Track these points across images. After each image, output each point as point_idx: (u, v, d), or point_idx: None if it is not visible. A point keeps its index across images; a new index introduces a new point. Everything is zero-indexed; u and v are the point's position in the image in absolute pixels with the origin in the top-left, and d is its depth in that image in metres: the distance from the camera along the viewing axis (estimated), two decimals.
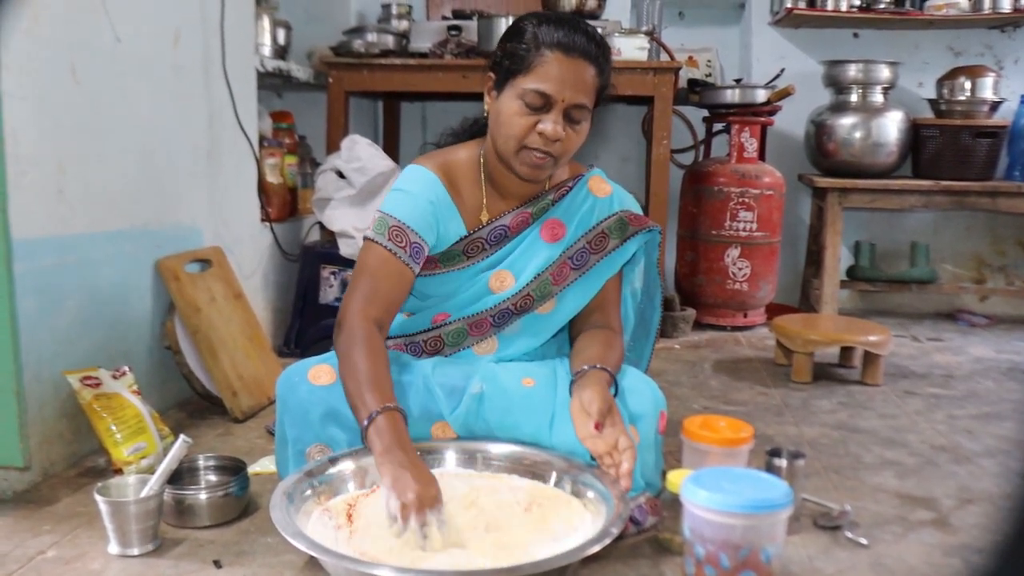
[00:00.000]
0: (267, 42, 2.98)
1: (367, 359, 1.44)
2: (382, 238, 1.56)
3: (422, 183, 1.62)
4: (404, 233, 1.57)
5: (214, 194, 2.46)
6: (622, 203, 1.73)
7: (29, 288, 1.69)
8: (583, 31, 1.54)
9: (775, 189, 3.39)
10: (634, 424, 1.55)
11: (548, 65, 1.51)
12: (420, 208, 1.59)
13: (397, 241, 1.56)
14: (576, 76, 1.51)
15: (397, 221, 1.57)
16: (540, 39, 1.52)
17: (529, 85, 1.51)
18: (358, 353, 1.45)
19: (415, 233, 1.58)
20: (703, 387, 2.60)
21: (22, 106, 1.66)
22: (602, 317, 1.71)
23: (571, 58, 1.51)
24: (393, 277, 1.55)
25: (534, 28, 1.54)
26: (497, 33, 3.04)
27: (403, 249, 1.56)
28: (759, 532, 1.28)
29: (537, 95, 1.51)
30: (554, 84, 1.50)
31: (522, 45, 1.53)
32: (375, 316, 1.52)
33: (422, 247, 1.59)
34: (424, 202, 1.60)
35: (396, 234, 1.56)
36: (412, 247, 1.57)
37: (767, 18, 3.82)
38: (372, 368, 1.43)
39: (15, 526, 1.56)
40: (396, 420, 1.39)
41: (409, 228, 1.57)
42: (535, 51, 1.51)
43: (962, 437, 2.17)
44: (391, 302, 1.56)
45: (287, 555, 1.44)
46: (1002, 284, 3.91)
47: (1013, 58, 3.77)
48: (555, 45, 1.51)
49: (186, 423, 2.15)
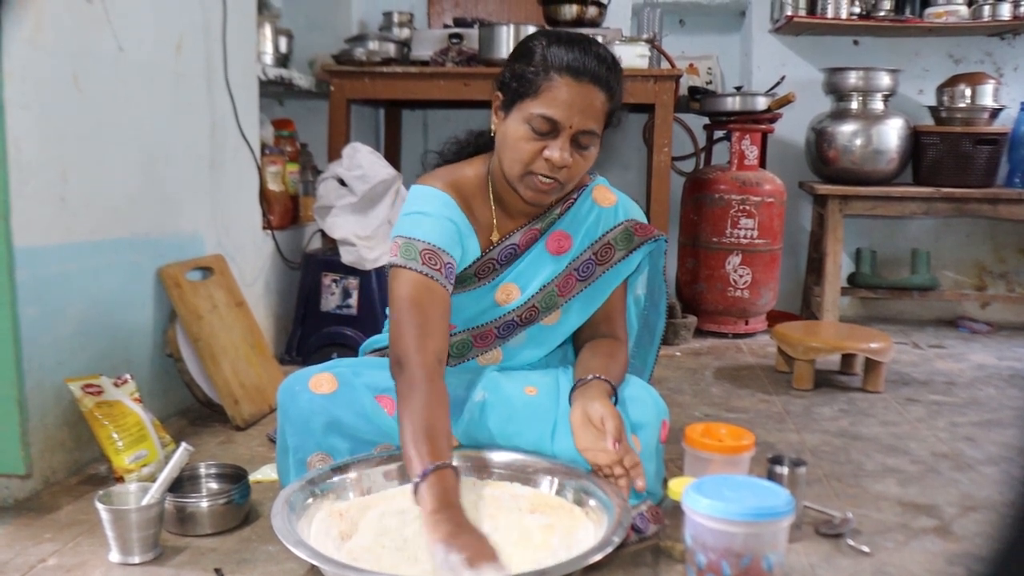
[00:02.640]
0: (269, 50, 2.99)
1: (427, 407, 1.37)
2: (415, 263, 1.49)
3: (438, 203, 1.57)
4: (437, 255, 1.50)
5: (216, 202, 2.46)
6: (627, 212, 1.71)
7: (31, 296, 1.69)
8: (594, 54, 1.50)
9: (776, 196, 3.39)
10: (636, 433, 1.54)
11: (557, 90, 1.47)
12: (444, 228, 1.54)
13: (432, 264, 1.49)
14: (585, 101, 1.48)
15: (427, 244, 1.51)
16: (549, 62, 1.48)
17: (536, 110, 1.48)
18: (419, 399, 1.38)
19: (447, 254, 1.52)
20: (704, 394, 2.60)
21: (25, 114, 1.67)
22: (607, 327, 1.71)
23: (580, 83, 1.47)
24: (438, 302, 1.48)
25: (543, 50, 1.50)
26: (498, 41, 3.05)
27: (439, 272, 1.49)
28: (761, 540, 1.28)
29: (544, 120, 1.47)
30: (562, 110, 1.47)
31: (530, 68, 1.49)
32: (435, 350, 1.44)
33: (454, 267, 1.54)
34: (446, 222, 1.55)
35: (429, 257, 1.50)
36: (447, 268, 1.51)
37: (767, 26, 3.83)
38: (431, 417, 1.37)
39: (16, 534, 1.56)
40: (448, 479, 1.31)
41: (441, 250, 1.51)
42: (543, 74, 1.48)
43: (964, 444, 2.16)
44: (445, 330, 1.49)
45: (288, 563, 1.44)
46: (1003, 291, 3.90)
47: (1013, 65, 3.77)
48: (564, 69, 1.47)
49: (187, 431, 2.15)
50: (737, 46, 4.05)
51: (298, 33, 3.31)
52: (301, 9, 3.47)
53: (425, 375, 1.41)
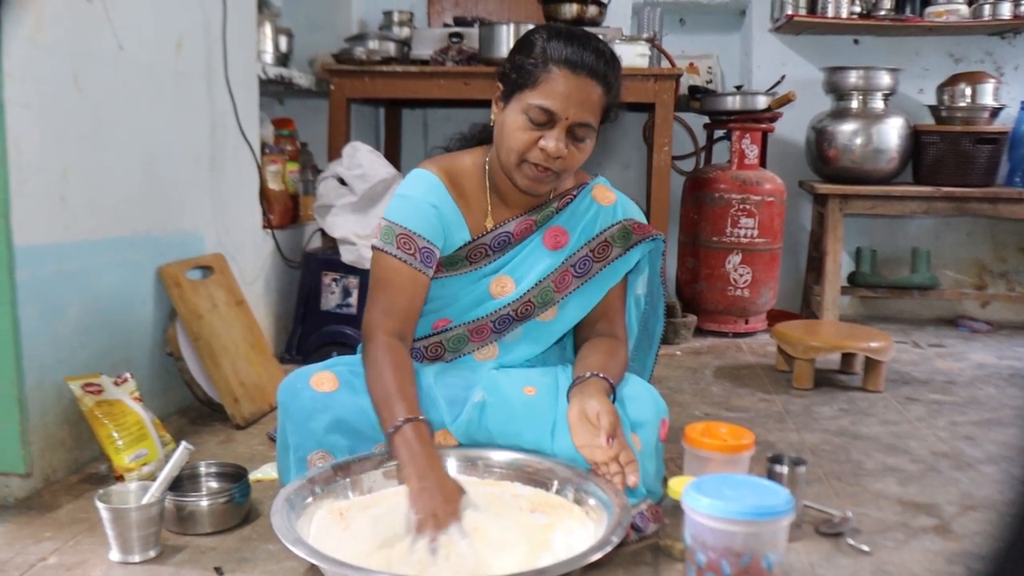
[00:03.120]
0: (269, 49, 2.99)
1: (393, 372, 1.48)
2: (391, 247, 1.58)
3: (425, 187, 1.63)
4: (412, 240, 1.58)
5: (216, 201, 2.46)
6: (626, 212, 1.72)
7: (31, 295, 1.69)
8: (593, 48, 1.53)
9: (776, 195, 3.39)
10: (635, 431, 1.54)
11: (554, 82, 1.50)
12: (423, 212, 1.60)
13: (406, 249, 1.57)
14: (582, 94, 1.51)
15: (403, 229, 1.58)
16: (548, 54, 1.51)
17: (534, 101, 1.51)
18: (384, 366, 1.48)
19: (423, 238, 1.59)
20: (704, 394, 2.60)
21: (25, 114, 1.67)
22: (606, 326, 1.71)
23: (578, 76, 1.50)
24: (407, 286, 1.57)
25: (543, 43, 1.53)
26: (498, 40, 3.05)
27: (413, 256, 1.57)
28: (761, 539, 1.28)
29: (541, 111, 1.51)
30: (559, 101, 1.50)
31: (530, 59, 1.53)
32: (395, 329, 1.55)
33: (432, 251, 1.60)
34: (426, 206, 1.61)
35: (404, 242, 1.58)
36: (422, 252, 1.58)
37: (768, 25, 3.83)
38: (398, 380, 1.47)
39: (16, 532, 1.56)
40: (423, 430, 1.42)
41: (416, 234, 1.58)
42: (542, 66, 1.51)
43: (964, 443, 2.16)
44: (410, 311, 1.58)
45: (288, 562, 1.44)
46: (1003, 290, 3.90)
47: (1013, 64, 3.77)
48: (563, 62, 1.50)
49: (187, 430, 2.15)
50: (737, 45, 4.05)
51: (298, 32, 3.31)
52: (301, 8, 3.47)
53: (388, 346, 1.51)
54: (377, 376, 1.48)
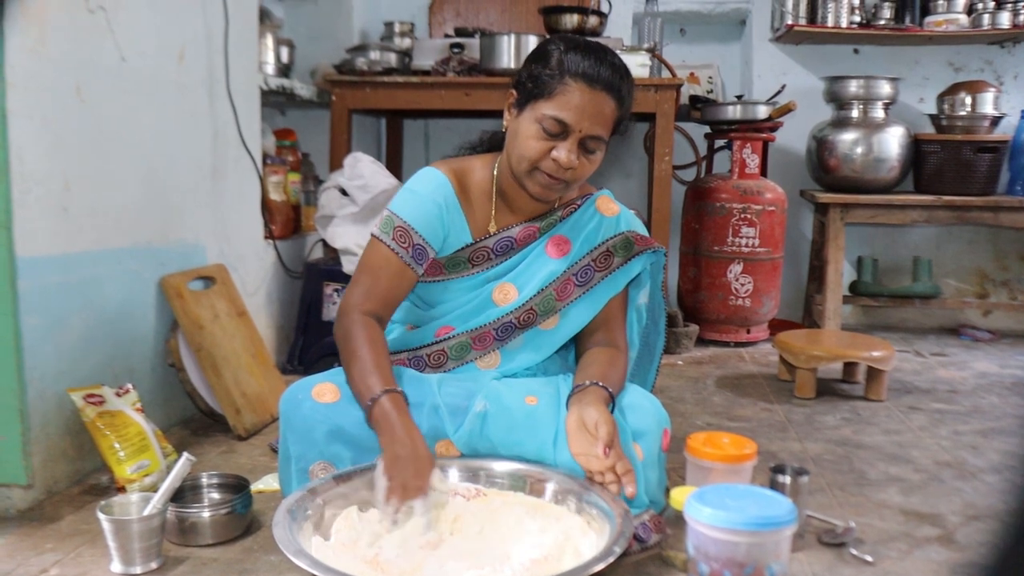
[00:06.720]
0: (271, 60, 3.00)
1: (368, 347, 1.51)
2: (387, 237, 1.61)
3: (432, 185, 1.65)
4: (408, 234, 1.61)
5: (218, 212, 2.47)
6: (629, 224, 1.74)
7: (33, 306, 1.70)
8: (609, 63, 1.55)
9: (777, 205, 3.40)
10: (637, 441, 1.54)
11: (570, 94, 1.52)
12: (426, 209, 1.63)
13: (401, 242, 1.61)
14: (596, 108, 1.53)
15: (402, 222, 1.61)
16: (565, 66, 1.53)
17: (548, 111, 1.53)
18: (358, 342, 1.51)
19: (419, 235, 1.62)
20: (706, 403, 2.60)
21: (27, 124, 1.67)
22: (606, 335, 1.72)
23: (593, 89, 1.52)
24: (394, 276, 1.61)
25: (560, 54, 1.55)
26: (499, 51, 3.06)
27: (405, 250, 1.60)
28: (763, 549, 1.27)
29: (555, 122, 1.53)
30: (573, 114, 1.52)
31: (547, 70, 1.55)
32: (372, 310, 1.58)
33: (425, 249, 1.63)
34: (431, 204, 1.63)
35: (400, 235, 1.61)
36: (415, 248, 1.61)
37: (768, 34, 3.84)
38: (373, 355, 1.50)
39: (18, 544, 1.56)
40: (399, 401, 1.46)
41: (413, 230, 1.61)
42: (559, 78, 1.53)
43: (967, 453, 2.16)
44: (389, 299, 1.62)
45: (290, 574, 1.43)
46: (1005, 299, 3.90)
47: (1013, 73, 3.78)
48: (579, 75, 1.52)
49: (189, 441, 2.15)
50: (738, 55, 4.06)
51: (299, 43, 3.32)
52: (302, 19, 3.49)
53: (363, 322, 1.54)
54: (352, 351, 1.51)
